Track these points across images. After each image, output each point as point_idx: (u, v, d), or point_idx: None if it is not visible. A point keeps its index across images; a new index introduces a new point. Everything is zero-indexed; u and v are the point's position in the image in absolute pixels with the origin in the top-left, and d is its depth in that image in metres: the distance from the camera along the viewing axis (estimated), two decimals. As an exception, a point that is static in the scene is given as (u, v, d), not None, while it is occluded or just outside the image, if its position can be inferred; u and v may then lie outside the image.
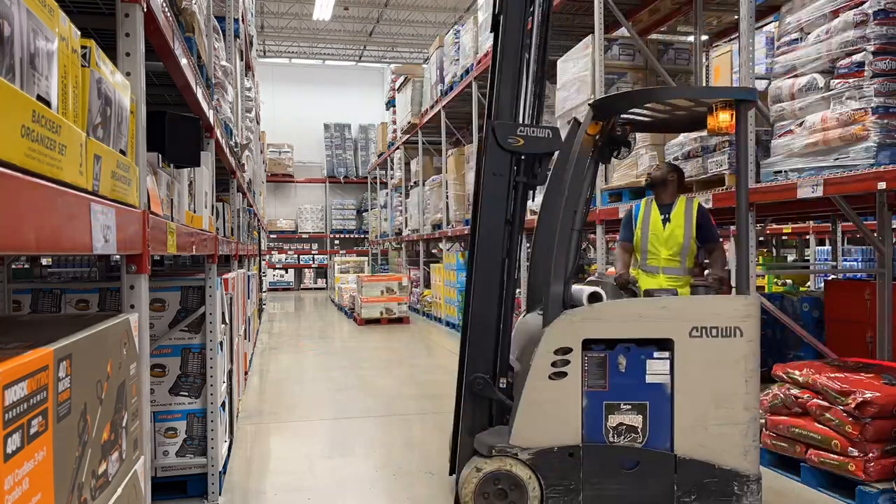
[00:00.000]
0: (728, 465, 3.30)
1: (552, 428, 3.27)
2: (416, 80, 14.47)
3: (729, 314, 3.33)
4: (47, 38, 1.21)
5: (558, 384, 3.27)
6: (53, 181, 1.20)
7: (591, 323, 3.31)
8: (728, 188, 4.78)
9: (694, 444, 3.29)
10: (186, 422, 3.82)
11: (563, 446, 3.26)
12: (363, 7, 20.05)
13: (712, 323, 3.31)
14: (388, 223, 18.37)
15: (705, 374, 3.31)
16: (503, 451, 3.26)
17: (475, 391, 3.50)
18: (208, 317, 3.82)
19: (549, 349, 3.28)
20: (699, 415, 3.30)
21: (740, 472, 3.30)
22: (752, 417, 3.33)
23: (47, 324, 1.58)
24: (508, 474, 3.25)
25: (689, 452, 3.29)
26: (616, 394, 3.29)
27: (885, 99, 3.72)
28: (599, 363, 3.30)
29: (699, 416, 3.30)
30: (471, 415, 3.52)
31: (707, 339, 3.30)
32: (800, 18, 4.32)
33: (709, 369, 3.31)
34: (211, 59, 4.12)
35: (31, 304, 3.59)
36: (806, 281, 11.40)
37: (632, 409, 3.30)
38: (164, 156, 2.87)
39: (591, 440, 3.28)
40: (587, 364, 3.29)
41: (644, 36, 7.79)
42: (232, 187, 6.39)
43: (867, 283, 5.33)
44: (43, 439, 1.10)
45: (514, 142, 3.50)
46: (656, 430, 3.31)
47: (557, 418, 3.27)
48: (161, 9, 2.29)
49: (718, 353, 3.31)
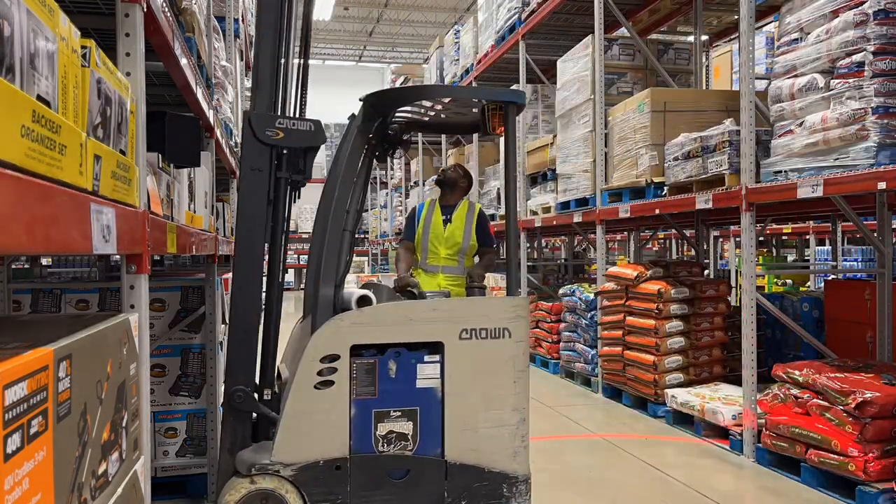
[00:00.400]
0: (497, 468, 3.21)
1: (318, 441, 3.06)
2: (416, 80, 14.48)
3: (498, 315, 3.24)
4: (47, 38, 1.21)
5: (324, 394, 3.06)
6: (53, 181, 1.20)
7: (360, 328, 3.12)
8: (728, 188, 4.78)
9: (464, 448, 3.19)
10: (186, 422, 3.82)
11: (329, 459, 3.05)
12: (363, 7, 20.05)
13: (482, 324, 3.21)
14: (388, 223, 18.37)
15: (475, 376, 3.21)
16: (264, 468, 3.00)
17: (235, 405, 3.17)
18: (208, 317, 3.82)
19: (315, 357, 3.06)
20: (469, 418, 3.20)
21: (509, 474, 3.22)
22: (522, 419, 3.26)
23: (47, 324, 1.58)
24: (268, 493, 2.99)
25: (459, 457, 3.18)
26: (386, 401, 3.13)
27: (885, 99, 3.72)
28: (368, 370, 3.12)
29: (469, 420, 3.21)
30: (231, 431, 3.19)
31: (477, 341, 3.20)
32: (800, 18, 4.32)
33: (478, 371, 3.21)
34: (211, 59, 4.12)
35: (31, 304, 3.59)
36: (806, 281, 11.40)
37: (402, 415, 3.15)
38: (164, 156, 2.87)
39: (359, 451, 3.10)
40: (355, 371, 3.10)
41: (644, 36, 7.79)
42: (232, 187, 6.39)
43: (867, 283, 5.33)
44: (43, 439, 1.10)
45: (273, 134, 3.19)
46: (427, 437, 3.17)
47: (323, 430, 3.06)
48: (161, 9, 2.29)
49: (488, 355, 3.21)
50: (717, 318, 5.95)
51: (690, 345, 5.84)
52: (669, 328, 5.77)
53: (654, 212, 5.73)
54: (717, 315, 5.95)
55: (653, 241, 15.04)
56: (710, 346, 5.94)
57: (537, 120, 9.14)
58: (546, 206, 8.19)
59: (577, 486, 4.23)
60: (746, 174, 4.59)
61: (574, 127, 7.24)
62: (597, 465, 4.67)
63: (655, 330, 5.75)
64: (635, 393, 6.12)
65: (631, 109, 6.20)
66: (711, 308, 5.92)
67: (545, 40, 8.72)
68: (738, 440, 4.73)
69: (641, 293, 5.96)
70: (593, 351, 6.95)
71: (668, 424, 5.54)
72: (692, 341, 5.84)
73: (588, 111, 6.88)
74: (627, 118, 6.25)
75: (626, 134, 6.28)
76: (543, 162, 8.25)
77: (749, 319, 4.67)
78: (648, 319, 5.85)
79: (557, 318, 8.05)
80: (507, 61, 9.49)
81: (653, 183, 5.85)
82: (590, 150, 6.90)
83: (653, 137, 5.88)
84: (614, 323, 6.36)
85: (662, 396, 5.67)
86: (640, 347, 5.97)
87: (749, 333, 4.68)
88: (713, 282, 6.21)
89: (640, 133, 6.03)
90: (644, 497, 4.04)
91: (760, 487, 4.17)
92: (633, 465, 4.62)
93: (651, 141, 5.90)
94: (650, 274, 6.10)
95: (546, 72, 8.94)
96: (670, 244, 14.40)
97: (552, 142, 8.00)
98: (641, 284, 6.00)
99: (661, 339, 5.75)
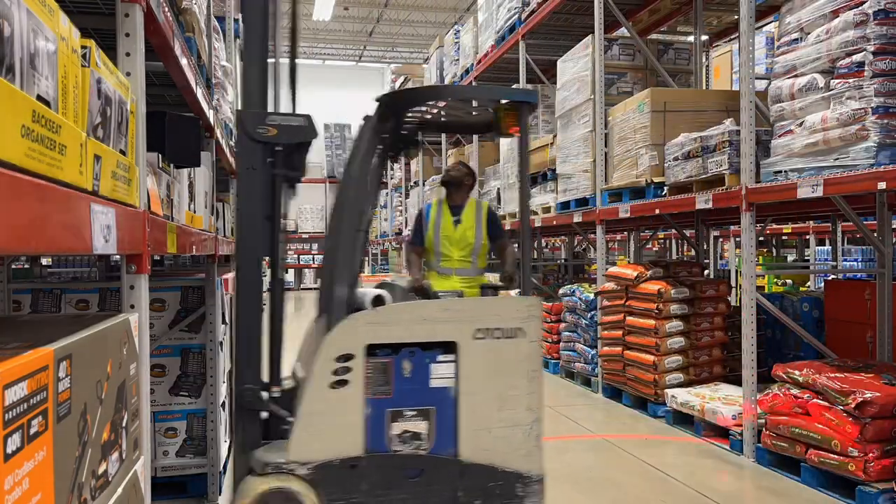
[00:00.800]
0: (511, 468, 3.22)
1: (333, 440, 3.06)
2: (416, 80, 14.49)
3: (511, 315, 3.24)
4: (47, 38, 1.21)
5: (339, 393, 3.05)
6: (53, 181, 1.20)
7: (375, 327, 3.13)
8: (728, 188, 4.78)
9: (478, 447, 3.20)
10: (186, 422, 3.82)
11: (345, 458, 3.06)
12: (363, 7, 20.06)
13: (495, 324, 3.22)
14: (388, 223, 18.38)
15: (489, 376, 3.22)
16: (279, 467, 3.01)
17: (243, 404, 3.19)
18: (208, 317, 3.82)
19: (330, 356, 3.07)
20: (483, 418, 3.21)
21: (523, 474, 3.22)
22: (536, 418, 3.27)
23: (47, 324, 1.58)
24: (284, 492, 3.01)
25: (473, 457, 3.19)
26: (400, 400, 3.14)
27: (885, 99, 3.72)
28: (383, 369, 3.13)
29: (483, 419, 3.21)
30: (243, 430, 3.21)
31: (490, 341, 3.21)
32: (800, 18, 4.32)
33: (492, 371, 3.22)
34: (211, 59, 4.12)
35: (31, 304, 3.59)
36: (806, 281, 11.40)
37: (416, 415, 3.16)
38: (164, 156, 2.87)
39: (374, 450, 3.09)
40: (370, 370, 3.10)
41: (644, 36, 7.79)
42: (232, 187, 6.39)
43: (867, 283, 5.33)
44: (43, 439, 1.10)
45: (266, 131, 3.17)
46: (441, 436, 3.18)
47: (339, 429, 3.07)
48: (161, 9, 2.30)
49: (501, 355, 3.22)
50: (717, 318, 5.95)
51: (690, 345, 5.84)
52: (669, 328, 5.77)
53: (654, 212, 5.73)
54: (717, 315, 5.95)
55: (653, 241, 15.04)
56: (711, 346, 5.94)
57: (537, 120, 9.14)
58: (546, 206, 8.19)
59: (579, 485, 4.23)
60: (746, 174, 4.59)
61: (574, 127, 7.24)
62: (597, 465, 4.67)
63: (655, 330, 5.75)
64: (635, 393, 6.12)
65: (631, 109, 6.20)
66: (711, 308, 5.92)
67: (545, 40, 8.72)
68: (738, 440, 4.73)
69: (641, 293, 5.96)
70: (593, 351, 6.95)
71: (668, 424, 5.54)
72: (692, 341, 5.84)
73: (588, 111, 6.88)
74: (627, 118, 6.25)
75: (626, 134, 6.28)
76: (543, 162, 8.25)
77: (749, 319, 4.67)
78: (648, 319, 5.84)
79: (557, 318, 8.06)
80: (507, 61, 9.49)
81: (653, 183, 5.85)
82: (590, 150, 6.90)
83: (653, 137, 5.88)
84: (614, 323, 6.36)
85: (662, 396, 5.67)
86: (640, 347, 5.97)
87: (749, 333, 4.67)
88: (713, 282, 6.21)
89: (640, 133, 6.03)
90: (644, 497, 4.04)
91: (760, 487, 4.17)
92: (634, 464, 4.62)
93: (651, 141, 5.90)
94: (650, 274, 6.10)
95: (546, 72, 8.94)
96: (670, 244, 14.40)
97: (552, 142, 8.00)
98: (641, 284, 6.00)
99: (661, 339, 5.75)
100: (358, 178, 3.41)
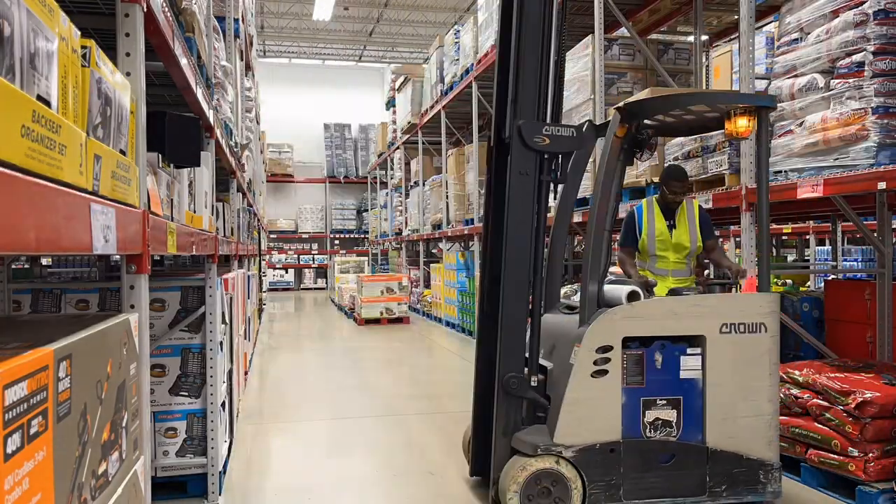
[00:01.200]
0: (754, 455, 3.47)
1: (594, 425, 3.36)
2: (416, 80, 14.47)
3: (754, 310, 3.49)
4: (47, 38, 1.21)
5: (599, 382, 3.36)
6: (53, 181, 1.20)
7: (631, 321, 3.42)
8: (728, 188, 4.78)
9: (724, 436, 3.45)
10: (186, 422, 3.82)
11: (604, 443, 3.35)
12: (363, 7, 20.05)
13: (740, 319, 3.48)
14: (388, 223, 18.37)
15: (734, 368, 3.47)
16: (548, 449, 3.32)
17: (510, 391, 3.52)
18: (208, 317, 3.82)
19: (591, 347, 3.36)
20: (728, 408, 3.46)
21: (765, 461, 3.47)
22: (775, 409, 3.51)
23: (47, 324, 1.58)
24: (552, 472, 3.30)
25: (719, 444, 3.45)
26: (652, 390, 3.42)
27: (885, 99, 3.72)
28: (637, 360, 3.41)
29: (728, 409, 3.46)
30: (505, 414, 3.54)
31: (735, 335, 3.47)
32: (800, 18, 4.32)
33: (737, 364, 3.47)
34: (211, 59, 4.12)
35: (31, 304, 3.59)
36: (806, 281, 11.40)
37: (667, 404, 3.43)
38: (164, 156, 2.87)
39: (629, 436, 3.38)
40: (626, 361, 3.39)
41: (644, 36, 7.79)
42: (232, 187, 6.39)
43: (867, 283, 5.33)
44: (43, 439, 1.10)
45: (541, 141, 3.52)
46: (689, 424, 3.45)
47: (599, 416, 3.36)
48: (161, 9, 2.29)
49: (745, 348, 3.48)
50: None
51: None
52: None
53: (654, 212, 5.71)
54: (717, 315, 5.94)
55: (653, 241, 15.01)
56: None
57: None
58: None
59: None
60: (746, 174, 4.59)
61: (574, 127, 7.23)
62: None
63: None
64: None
65: (631, 109, 6.19)
66: (711, 308, 5.92)
67: (545, 40, 8.70)
68: (738, 440, 4.72)
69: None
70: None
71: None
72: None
73: (588, 111, 6.88)
74: (627, 118, 6.24)
75: (626, 134, 6.27)
76: (543, 162, 8.24)
77: (749, 319, 4.66)
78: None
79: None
80: (507, 61, 9.48)
81: (653, 183, 5.85)
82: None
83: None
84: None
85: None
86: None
87: (749, 333, 4.67)
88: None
89: (640, 133, 6.02)
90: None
91: (760, 487, 4.17)
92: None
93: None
94: (650, 274, 6.09)
95: (546, 72, 8.93)
96: (670, 244, 14.37)
97: (552, 142, 7.98)
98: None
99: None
100: (603, 182, 3.63)
